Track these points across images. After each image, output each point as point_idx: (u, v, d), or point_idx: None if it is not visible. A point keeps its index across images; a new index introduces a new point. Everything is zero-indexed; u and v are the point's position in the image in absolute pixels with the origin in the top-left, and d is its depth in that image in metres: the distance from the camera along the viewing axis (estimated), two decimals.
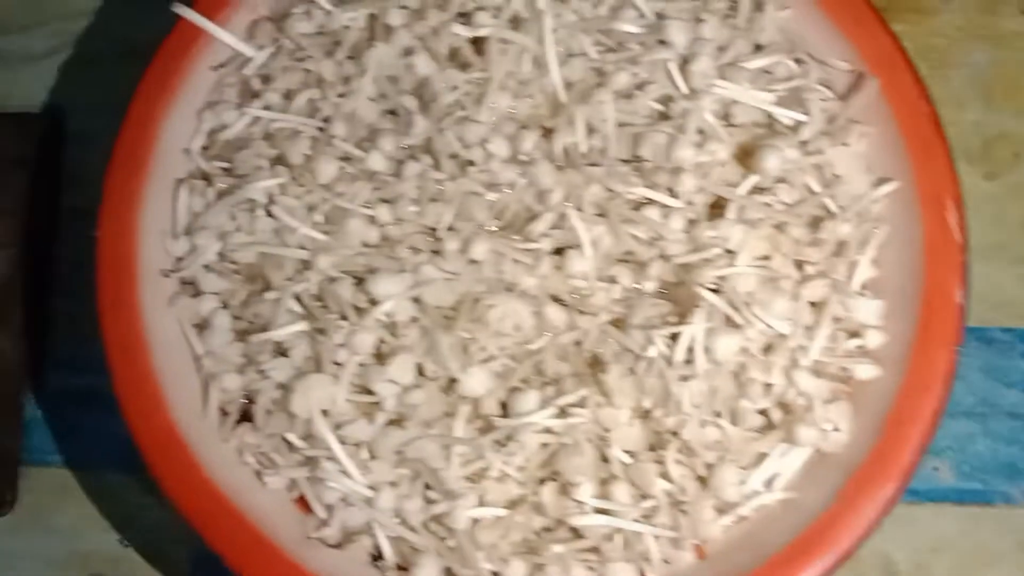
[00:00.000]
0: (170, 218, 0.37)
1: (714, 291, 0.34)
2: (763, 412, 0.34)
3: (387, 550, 0.33)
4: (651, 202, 0.35)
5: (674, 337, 0.33)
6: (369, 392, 0.34)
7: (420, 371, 0.34)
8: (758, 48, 0.37)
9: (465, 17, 0.38)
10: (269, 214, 0.36)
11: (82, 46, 0.48)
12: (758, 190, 0.35)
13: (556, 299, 0.35)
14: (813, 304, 0.35)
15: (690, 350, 0.33)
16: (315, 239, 0.36)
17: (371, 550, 0.34)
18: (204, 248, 0.36)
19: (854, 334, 0.35)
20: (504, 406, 0.34)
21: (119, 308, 0.34)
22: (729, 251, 0.35)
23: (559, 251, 0.36)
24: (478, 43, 0.37)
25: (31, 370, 0.43)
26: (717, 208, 0.36)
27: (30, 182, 0.45)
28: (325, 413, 0.33)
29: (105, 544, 0.42)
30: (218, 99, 0.38)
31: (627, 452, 0.34)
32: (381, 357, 0.34)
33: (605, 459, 0.34)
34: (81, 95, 0.48)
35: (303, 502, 0.34)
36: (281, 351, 0.35)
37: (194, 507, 0.32)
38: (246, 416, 0.35)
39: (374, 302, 0.34)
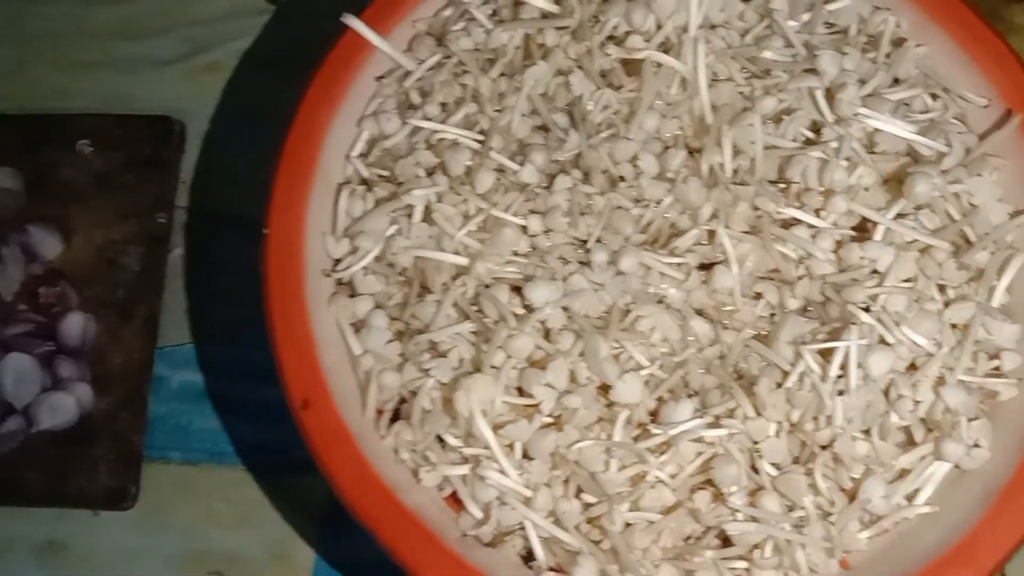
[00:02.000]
0: (329, 221, 0.37)
1: (864, 310, 0.35)
2: (904, 428, 0.36)
3: (539, 551, 0.34)
4: (797, 222, 0.37)
5: (824, 353, 0.35)
6: (525, 394, 0.35)
7: (571, 377, 0.35)
8: (896, 81, 0.39)
9: (615, 40, 0.39)
10: (425, 221, 0.37)
11: (205, 54, 0.50)
12: (900, 215, 0.37)
13: (701, 313, 0.37)
14: (954, 326, 0.36)
15: (842, 366, 0.34)
16: (469, 246, 0.37)
17: (520, 551, 0.35)
18: (364, 251, 0.37)
19: (991, 356, 0.36)
20: (652, 415, 0.35)
21: (288, 304, 0.35)
22: (876, 272, 0.36)
23: (703, 267, 0.37)
24: (628, 65, 0.39)
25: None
26: (858, 231, 0.37)
27: (161, 183, 0.46)
28: (484, 413, 0.34)
29: (223, 542, 0.42)
30: (377, 109, 0.39)
31: (772, 464, 0.35)
32: (534, 362, 0.35)
33: (753, 470, 0.35)
34: (201, 101, 0.49)
35: (452, 500, 0.35)
36: (438, 352, 0.36)
37: (364, 502, 0.33)
38: (396, 415, 0.36)
39: (529, 308, 0.35)
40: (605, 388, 0.35)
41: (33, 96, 0.49)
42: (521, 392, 0.35)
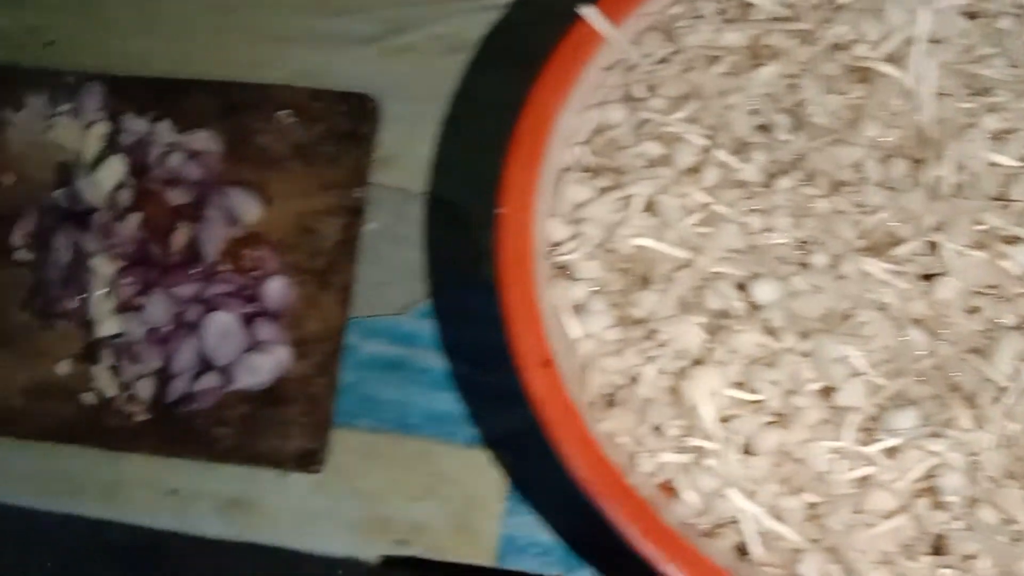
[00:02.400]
0: (551, 205, 0.38)
1: None
2: None
3: (756, 545, 0.34)
4: (1018, 240, 0.37)
5: None
6: (745, 389, 0.35)
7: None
8: None
9: (840, 47, 0.40)
10: (645, 211, 0.38)
11: (400, 36, 0.51)
12: None
13: (918, 323, 0.37)
14: None
15: None
16: (690, 239, 0.37)
17: (734, 543, 0.35)
18: (588, 237, 0.37)
19: None
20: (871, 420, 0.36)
21: (520, 279, 0.36)
22: None
23: (922, 277, 0.37)
24: (852, 72, 0.39)
25: None
26: None
27: (358, 158, 0.47)
28: (710, 405, 0.35)
29: (408, 511, 0.43)
30: (603, 99, 0.39)
31: (988, 476, 0.35)
32: (756, 358, 0.36)
33: (970, 481, 0.35)
34: (393, 81, 0.50)
35: (662, 488, 0.36)
36: (659, 342, 0.36)
37: (593, 479, 0.33)
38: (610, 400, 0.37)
39: (752, 305, 0.36)
40: (824, 390, 0.35)
41: (228, 65, 0.50)
42: (740, 387, 0.36)
